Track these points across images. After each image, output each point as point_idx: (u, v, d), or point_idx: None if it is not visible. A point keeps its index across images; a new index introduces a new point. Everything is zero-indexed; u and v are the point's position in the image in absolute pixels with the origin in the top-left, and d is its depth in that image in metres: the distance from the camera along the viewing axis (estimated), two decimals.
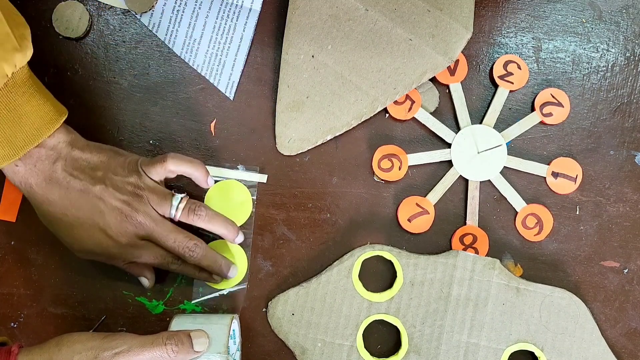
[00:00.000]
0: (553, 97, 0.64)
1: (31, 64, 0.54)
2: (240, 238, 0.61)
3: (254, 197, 0.63)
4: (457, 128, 0.64)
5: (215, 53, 0.65)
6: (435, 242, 0.64)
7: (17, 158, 0.53)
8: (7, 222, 0.63)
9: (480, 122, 0.64)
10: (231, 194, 0.63)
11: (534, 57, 0.65)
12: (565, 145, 0.65)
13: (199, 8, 0.65)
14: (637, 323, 0.63)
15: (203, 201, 0.62)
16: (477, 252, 0.63)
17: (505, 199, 0.64)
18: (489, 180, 0.64)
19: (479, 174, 0.63)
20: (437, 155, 0.64)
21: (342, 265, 0.62)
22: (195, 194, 0.61)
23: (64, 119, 0.56)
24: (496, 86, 0.64)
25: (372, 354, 0.61)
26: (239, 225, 0.61)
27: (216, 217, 0.59)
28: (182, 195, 0.58)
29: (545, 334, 0.60)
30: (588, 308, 0.61)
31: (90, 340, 0.49)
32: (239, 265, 0.62)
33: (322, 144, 0.64)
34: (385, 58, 0.62)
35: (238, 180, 0.63)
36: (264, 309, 0.63)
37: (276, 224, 0.64)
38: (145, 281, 0.60)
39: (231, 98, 0.65)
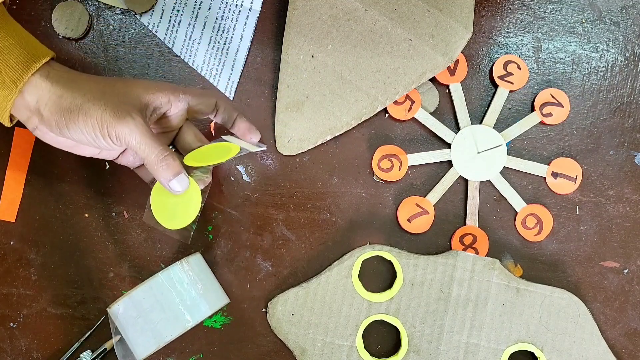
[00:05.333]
0: (553, 97, 0.64)
1: None
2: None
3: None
4: (457, 128, 0.64)
5: (215, 53, 0.65)
6: (435, 242, 0.64)
7: (14, 97, 0.50)
8: (7, 222, 0.63)
9: (480, 122, 0.64)
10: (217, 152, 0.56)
11: (533, 57, 0.65)
12: (565, 145, 0.65)
13: (199, 8, 0.65)
14: (637, 323, 0.63)
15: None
16: (477, 252, 0.63)
17: (505, 199, 0.64)
18: (489, 180, 0.64)
19: (479, 174, 0.63)
20: (437, 155, 0.64)
21: (342, 265, 0.62)
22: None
23: (52, 56, 0.52)
24: (496, 86, 0.64)
25: (372, 354, 0.61)
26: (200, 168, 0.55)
27: None
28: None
29: (545, 334, 0.60)
30: (588, 308, 0.61)
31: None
32: (192, 204, 0.54)
33: (322, 144, 0.64)
34: (385, 58, 0.62)
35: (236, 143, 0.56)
36: (263, 309, 0.63)
37: (276, 224, 0.64)
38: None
39: (231, 98, 0.65)
